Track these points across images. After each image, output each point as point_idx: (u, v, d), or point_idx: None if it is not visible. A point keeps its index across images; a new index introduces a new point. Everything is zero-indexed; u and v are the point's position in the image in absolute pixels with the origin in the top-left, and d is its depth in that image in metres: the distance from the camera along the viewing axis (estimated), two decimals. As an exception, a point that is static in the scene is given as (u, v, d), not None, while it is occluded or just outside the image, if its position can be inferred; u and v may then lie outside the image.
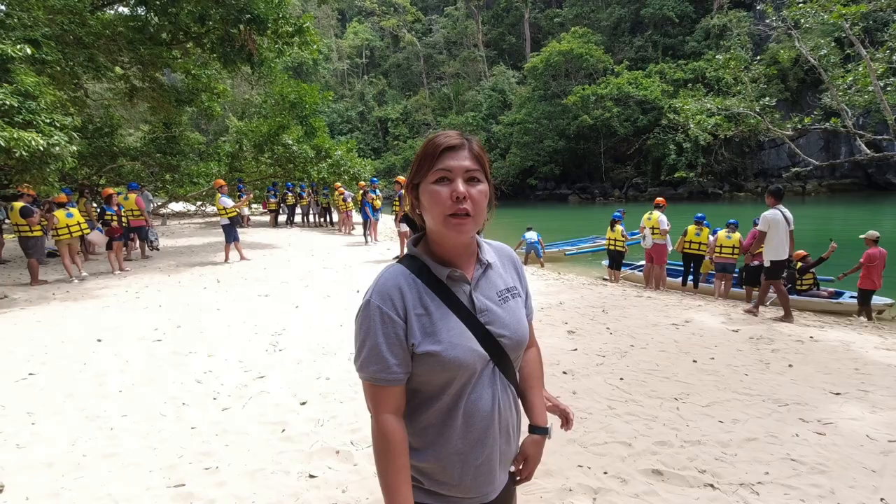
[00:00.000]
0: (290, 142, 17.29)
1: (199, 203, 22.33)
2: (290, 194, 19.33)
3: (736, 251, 8.26)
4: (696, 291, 8.91)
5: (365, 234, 13.64)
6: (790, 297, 8.14)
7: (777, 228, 6.05)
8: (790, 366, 4.43)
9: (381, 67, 58.80)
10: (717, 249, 8.38)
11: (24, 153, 5.92)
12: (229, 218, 10.48)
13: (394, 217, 10.54)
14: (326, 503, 2.55)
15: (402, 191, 10.65)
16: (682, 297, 7.93)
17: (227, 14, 10.23)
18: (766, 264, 6.27)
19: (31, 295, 7.58)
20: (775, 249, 6.10)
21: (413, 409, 1.09)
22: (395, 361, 1.01)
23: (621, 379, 4.10)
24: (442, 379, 1.04)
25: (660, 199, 9.18)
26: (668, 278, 9.38)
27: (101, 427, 3.41)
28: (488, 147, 42.78)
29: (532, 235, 12.19)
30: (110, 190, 10.28)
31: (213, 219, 19.99)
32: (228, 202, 10.55)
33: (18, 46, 6.29)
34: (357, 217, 16.44)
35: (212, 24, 10.70)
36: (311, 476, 2.77)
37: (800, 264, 8.25)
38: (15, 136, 5.79)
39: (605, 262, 10.27)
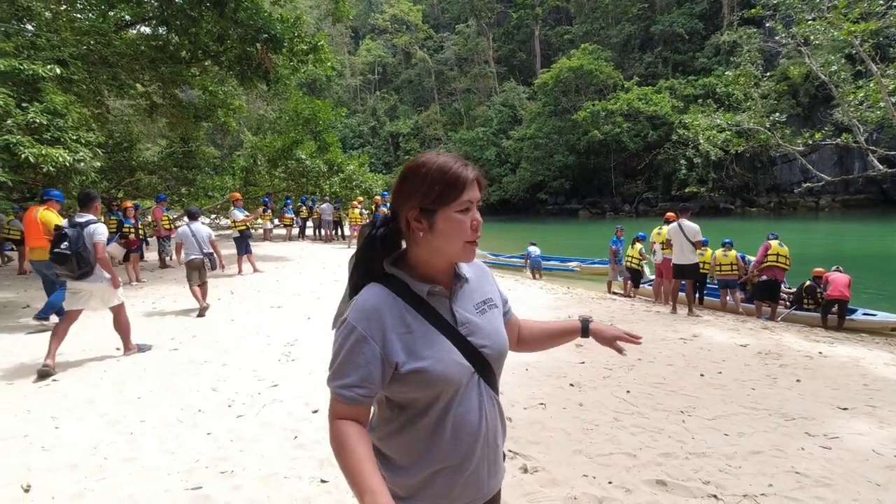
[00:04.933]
0: (303, 156, 17.63)
1: (213, 216, 22.74)
2: (303, 207, 19.68)
3: (735, 268, 8.71)
4: (702, 306, 8.91)
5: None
6: (799, 313, 8.21)
7: (675, 238, 7.53)
8: (798, 381, 4.44)
9: (393, 83, 59.70)
10: (718, 268, 8.69)
11: (51, 168, 6.19)
12: (240, 231, 10.73)
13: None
14: (338, 507, 2.62)
15: None
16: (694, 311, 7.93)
17: (245, 34, 10.57)
18: (671, 266, 7.89)
19: (52, 305, 7.78)
20: (676, 255, 7.57)
21: (401, 426, 1.10)
22: (358, 382, 1.01)
23: (628, 392, 4.14)
24: (430, 395, 1.06)
25: (670, 214, 9.23)
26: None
27: (121, 432, 3.52)
28: (499, 162, 43.18)
29: (535, 250, 12.70)
30: (128, 203, 10.59)
31: (226, 231, 20.32)
32: (239, 215, 10.81)
33: (48, 67, 6.62)
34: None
35: (230, 43, 11.05)
36: (323, 481, 2.86)
37: (808, 283, 8.26)
38: (43, 152, 6.06)
39: (622, 277, 10.33)
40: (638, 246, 9.77)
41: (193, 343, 5.71)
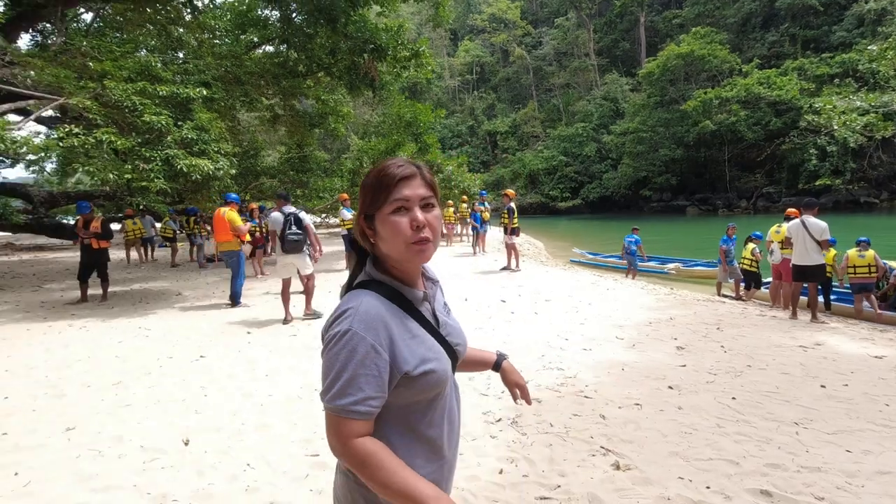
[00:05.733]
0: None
1: (323, 215, 24.64)
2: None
3: (873, 270, 7.57)
4: (829, 313, 7.99)
5: (473, 245, 14.14)
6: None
7: (797, 237, 6.75)
8: (947, 400, 3.90)
9: (491, 82, 60.00)
10: (851, 270, 7.65)
11: (198, 177, 7.32)
12: (347, 229, 11.58)
13: (502, 229, 10.92)
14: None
15: (511, 203, 11.03)
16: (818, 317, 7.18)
17: (354, 45, 11.44)
18: (791, 267, 7.08)
19: (197, 293, 9.09)
20: (798, 255, 6.82)
21: (408, 429, 1.08)
22: (373, 394, 0.97)
23: (733, 398, 3.94)
24: (433, 394, 1.07)
25: (792, 210, 8.38)
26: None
27: (254, 403, 4.10)
28: (599, 158, 41.65)
29: (632, 241, 11.71)
30: (254, 205, 11.94)
31: (336, 230, 21.96)
32: (347, 214, 11.67)
33: (197, 89, 7.81)
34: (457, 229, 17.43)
35: (340, 55, 12.01)
36: (423, 459, 3.12)
37: None
38: (193, 163, 7.19)
39: (731, 279, 9.60)
40: (751, 246, 8.98)
41: (309, 330, 6.37)
